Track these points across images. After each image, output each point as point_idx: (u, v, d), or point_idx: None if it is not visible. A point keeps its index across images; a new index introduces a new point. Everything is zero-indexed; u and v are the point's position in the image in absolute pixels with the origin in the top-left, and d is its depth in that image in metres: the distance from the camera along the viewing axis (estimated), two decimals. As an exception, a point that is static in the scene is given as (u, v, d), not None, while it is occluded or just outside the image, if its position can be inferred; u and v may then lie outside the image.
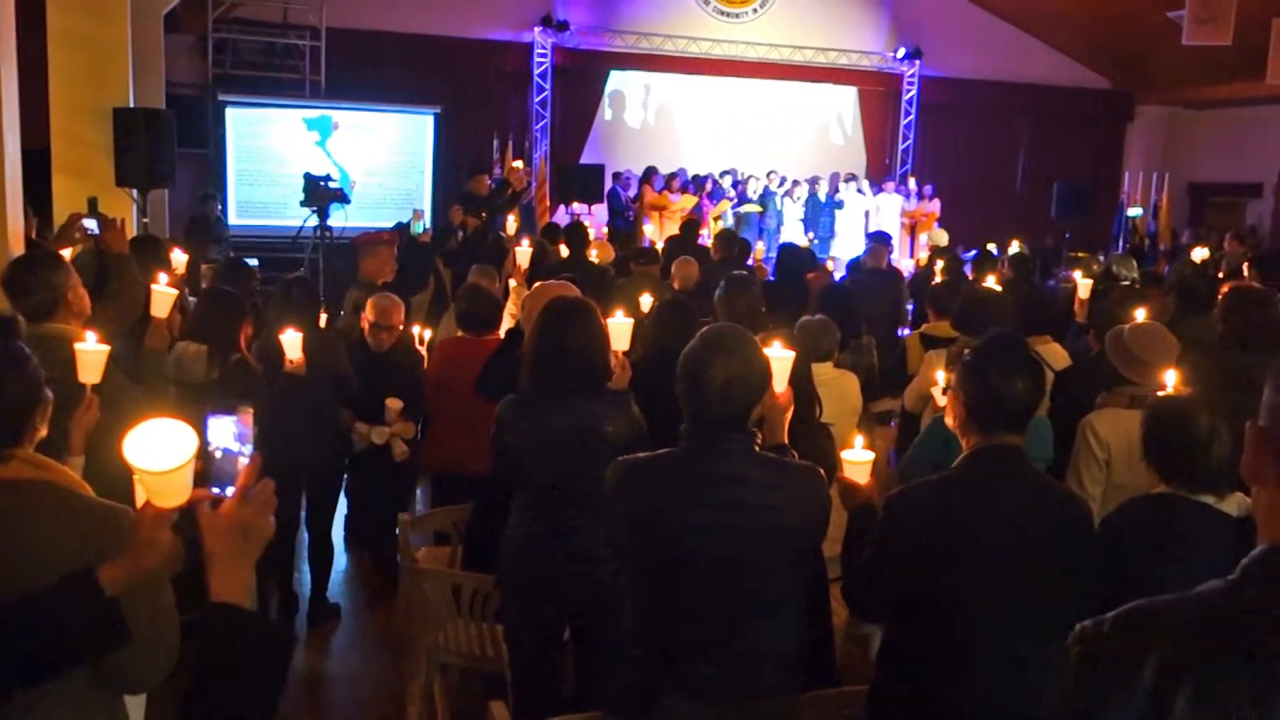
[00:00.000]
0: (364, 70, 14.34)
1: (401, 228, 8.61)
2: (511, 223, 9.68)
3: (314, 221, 8.97)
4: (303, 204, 9.43)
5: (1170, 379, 3.27)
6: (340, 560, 5.84)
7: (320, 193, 8.61)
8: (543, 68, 15.80)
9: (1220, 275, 9.25)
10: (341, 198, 8.86)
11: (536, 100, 15.89)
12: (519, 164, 10.23)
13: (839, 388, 4.33)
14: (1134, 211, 16.72)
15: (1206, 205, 18.94)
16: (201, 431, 1.58)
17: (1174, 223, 17.17)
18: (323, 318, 5.58)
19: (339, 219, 8.92)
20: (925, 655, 2.52)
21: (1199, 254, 11.50)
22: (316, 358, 4.88)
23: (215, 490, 1.62)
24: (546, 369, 3.30)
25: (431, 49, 15.20)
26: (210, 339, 4.52)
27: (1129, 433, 3.27)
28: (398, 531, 4.36)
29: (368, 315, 5.47)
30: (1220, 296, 5.07)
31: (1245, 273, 7.87)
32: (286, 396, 4.59)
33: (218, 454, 1.64)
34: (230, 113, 13.66)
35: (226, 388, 4.38)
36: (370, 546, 6.06)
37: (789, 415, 2.82)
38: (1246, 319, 4.60)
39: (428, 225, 11.55)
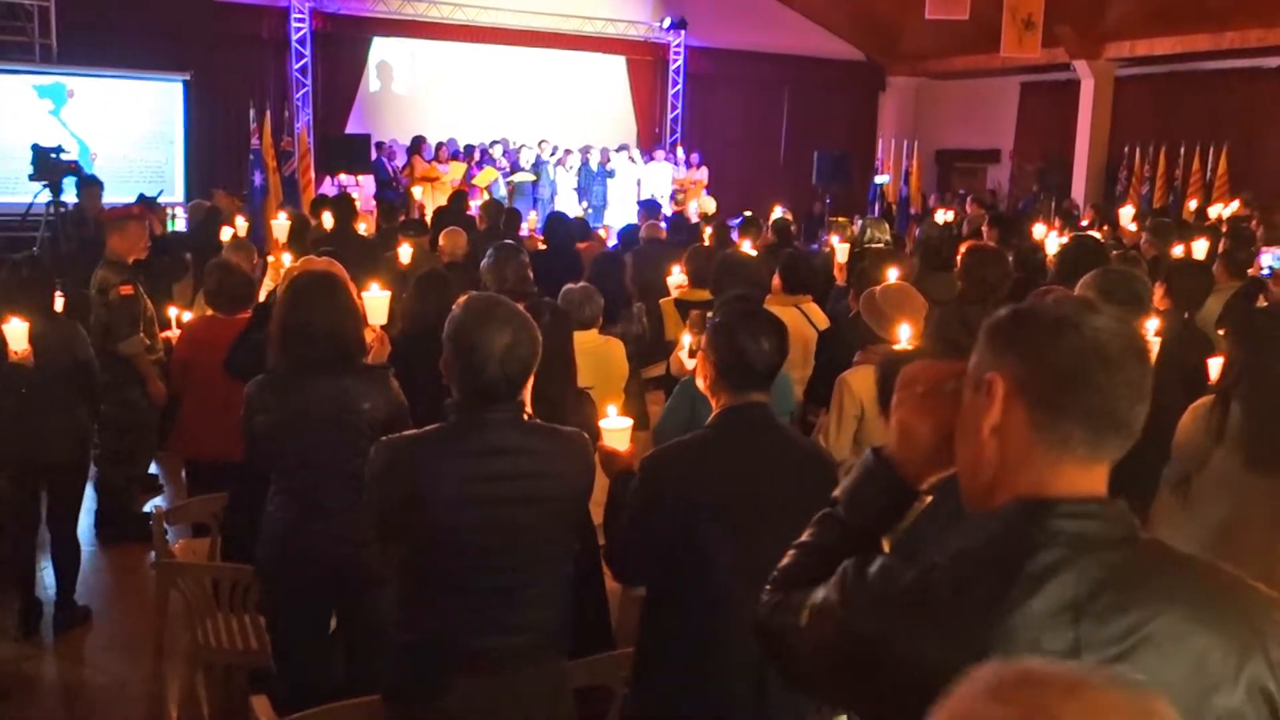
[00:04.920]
0: (102, 33, 13.26)
1: (146, 201, 8.02)
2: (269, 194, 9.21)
3: (46, 197, 8.24)
4: (32, 178, 8.67)
5: (905, 334, 3.42)
6: (93, 560, 5.45)
7: (52, 165, 7.91)
8: (301, 33, 15.07)
9: (964, 235, 9.88)
10: (76, 170, 8.17)
11: (296, 67, 15.15)
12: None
13: (602, 355, 4.35)
14: (881, 179, 17.63)
15: (952, 171, 20.21)
16: None
17: (924, 187, 18.23)
18: (59, 301, 5.16)
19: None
20: (684, 612, 2.56)
21: (943, 216, 12.28)
22: (51, 346, 4.55)
23: None
24: (293, 346, 3.15)
25: (177, 11, 14.21)
26: None
27: (881, 389, 3.41)
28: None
29: None
30: (959, 256, 5.39)
31: (984, 233, 8.40)
32: (16, 389, 4.24)
33: None
34: (-54, 79, 12.44)
35: None
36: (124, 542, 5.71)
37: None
38: (983, 275, 4.90)
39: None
